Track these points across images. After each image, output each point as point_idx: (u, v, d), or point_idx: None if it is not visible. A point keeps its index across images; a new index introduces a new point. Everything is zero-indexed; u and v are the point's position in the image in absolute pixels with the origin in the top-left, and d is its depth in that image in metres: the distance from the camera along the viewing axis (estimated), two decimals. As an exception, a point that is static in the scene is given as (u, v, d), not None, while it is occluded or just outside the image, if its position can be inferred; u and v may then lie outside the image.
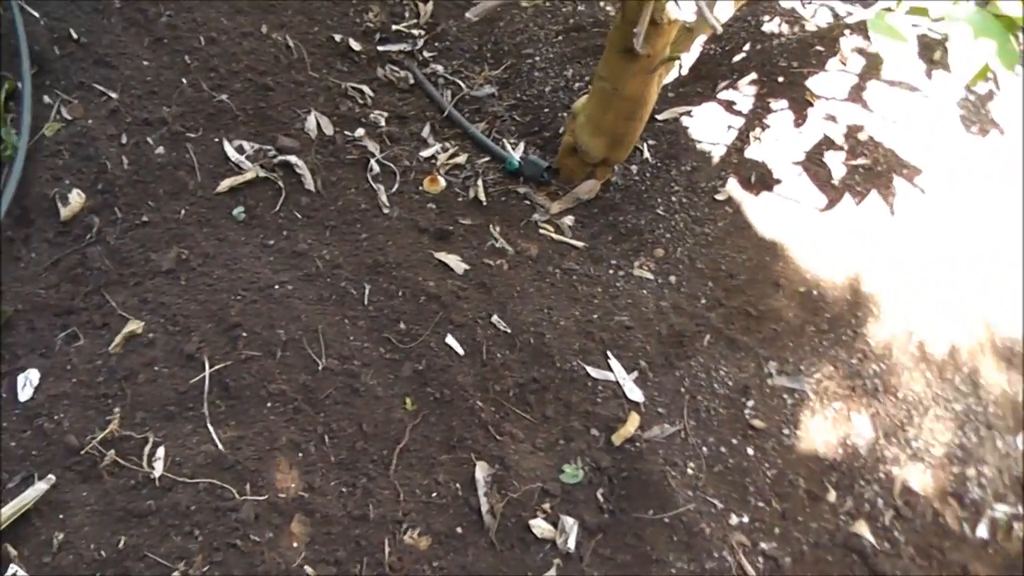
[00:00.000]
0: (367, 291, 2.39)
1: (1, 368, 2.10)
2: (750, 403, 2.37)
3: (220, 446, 2.01)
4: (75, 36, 2.62)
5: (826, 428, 2.36)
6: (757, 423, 2.33)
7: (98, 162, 2.42)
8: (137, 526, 1.88)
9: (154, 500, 1.91)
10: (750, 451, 2.29)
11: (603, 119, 2.56)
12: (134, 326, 2.17)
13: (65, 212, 2.33)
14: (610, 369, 2.35)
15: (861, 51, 3.11)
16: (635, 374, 2.36)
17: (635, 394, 2.31)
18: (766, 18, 3.33)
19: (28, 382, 2.07)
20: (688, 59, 3.24)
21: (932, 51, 3.07)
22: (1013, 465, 2.43)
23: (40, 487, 1.90)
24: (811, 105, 2.95)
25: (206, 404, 2.08)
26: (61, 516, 1.87)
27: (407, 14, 3.31)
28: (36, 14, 2.61)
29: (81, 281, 2.25)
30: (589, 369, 2.33)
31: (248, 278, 2.32)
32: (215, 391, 2.11)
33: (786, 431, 2.34)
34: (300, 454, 2.05)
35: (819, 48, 3.12)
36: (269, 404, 2.12)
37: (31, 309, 2.19)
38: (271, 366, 2.17)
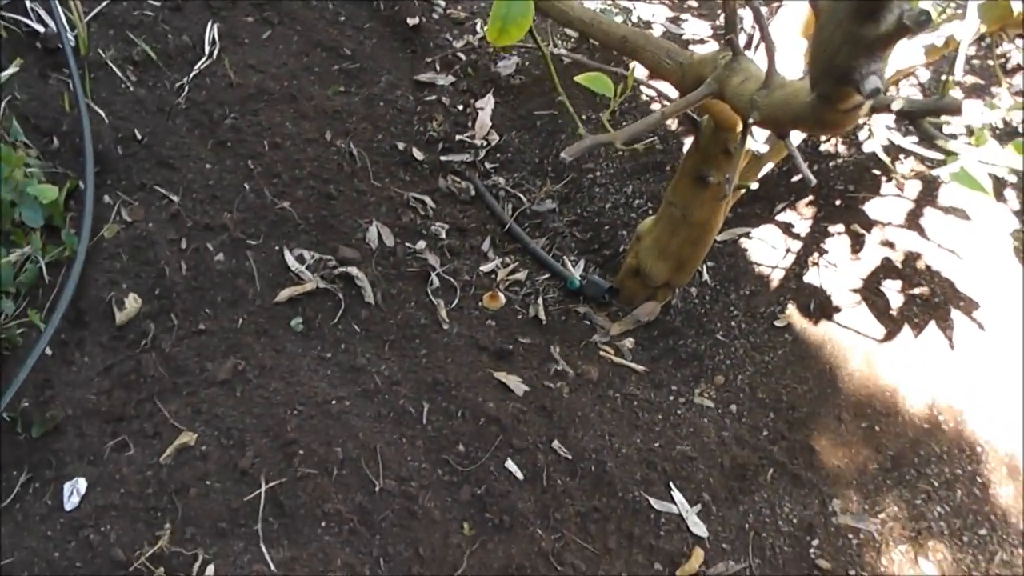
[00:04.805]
0: (426, 410, 2.33)
1: (48, 475, 2.03)
2: (815, 542, 2.29)
3: (272, 567, 1.93)
4: (139, 136, 2.60)
5: (893, 572, 2.28)
6: (823, 563, 2.26)
7: (157, 267, 2.38)
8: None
9: (203, 622, 1.83)
10: (817, 594, 2.22)
11: (669, 243, 2.54)
12: (187, 438, 2.11)
13: (121, 317, 2.28)
14: (673, 501, 2.28)
15: (917, 175, 3.10)
16: (698, 507, 2.29)
17: (699, 528, 2.24)
18: (823, 137, 3.34)
19: (75, 491, 2.00)
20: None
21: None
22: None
23: (86, 605, 1.82)
24: (868, 231, 2.94)
25: (260, 522, 2.01)
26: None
27: (470, 123, 3.31)
28: (102, 112, 2.60)
29: (134, 388, 2.19)
30: (652, 500, 2.26)
31: (305, 392, 2.26)
32: (269, 509, 2.03)
33: (852, 573, 2.26)
34: (355, 579, 1.96)
35: (875, 171, 3.12)
36: (324, 524, 2.04)
37: (81, 415, 2.13)
38: (327, 485, 2.10)
